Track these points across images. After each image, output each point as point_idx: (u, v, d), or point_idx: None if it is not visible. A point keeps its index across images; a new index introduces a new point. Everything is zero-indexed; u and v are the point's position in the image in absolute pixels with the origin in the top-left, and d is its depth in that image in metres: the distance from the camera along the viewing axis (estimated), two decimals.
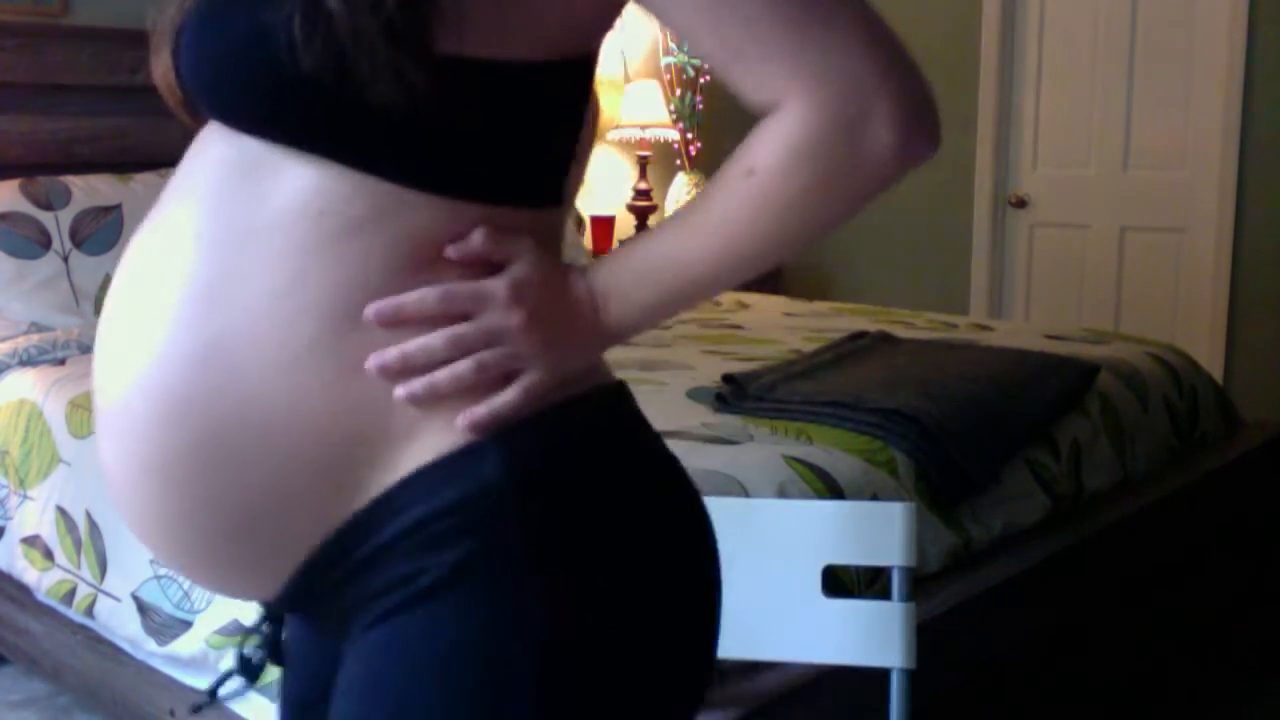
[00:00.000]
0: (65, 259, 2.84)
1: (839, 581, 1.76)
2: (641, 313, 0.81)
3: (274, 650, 0.93)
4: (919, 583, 1.68)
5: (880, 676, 1.46)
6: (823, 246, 4.89)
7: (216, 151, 0.79)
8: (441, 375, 0.76)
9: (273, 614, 0.93)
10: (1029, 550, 2.08)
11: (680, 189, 4.54)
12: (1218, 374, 3.87)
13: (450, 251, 0.76)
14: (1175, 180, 4.08)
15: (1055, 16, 4.29)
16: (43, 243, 2.82)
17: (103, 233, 2.91)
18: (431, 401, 0.76)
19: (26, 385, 2.50)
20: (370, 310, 0.75)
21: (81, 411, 2.34)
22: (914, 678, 1.44)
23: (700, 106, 4.59)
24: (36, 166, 2.96)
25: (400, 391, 0.75)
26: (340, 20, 0.69)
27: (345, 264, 0.75)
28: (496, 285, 0.77)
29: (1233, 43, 3.88)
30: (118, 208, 2.95)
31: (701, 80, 4.56)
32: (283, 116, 0.74)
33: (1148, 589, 2.36)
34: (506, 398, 0.76)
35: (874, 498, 1.89)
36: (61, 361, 2.59)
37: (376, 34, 0.69)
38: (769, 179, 0.75)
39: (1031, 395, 2.28)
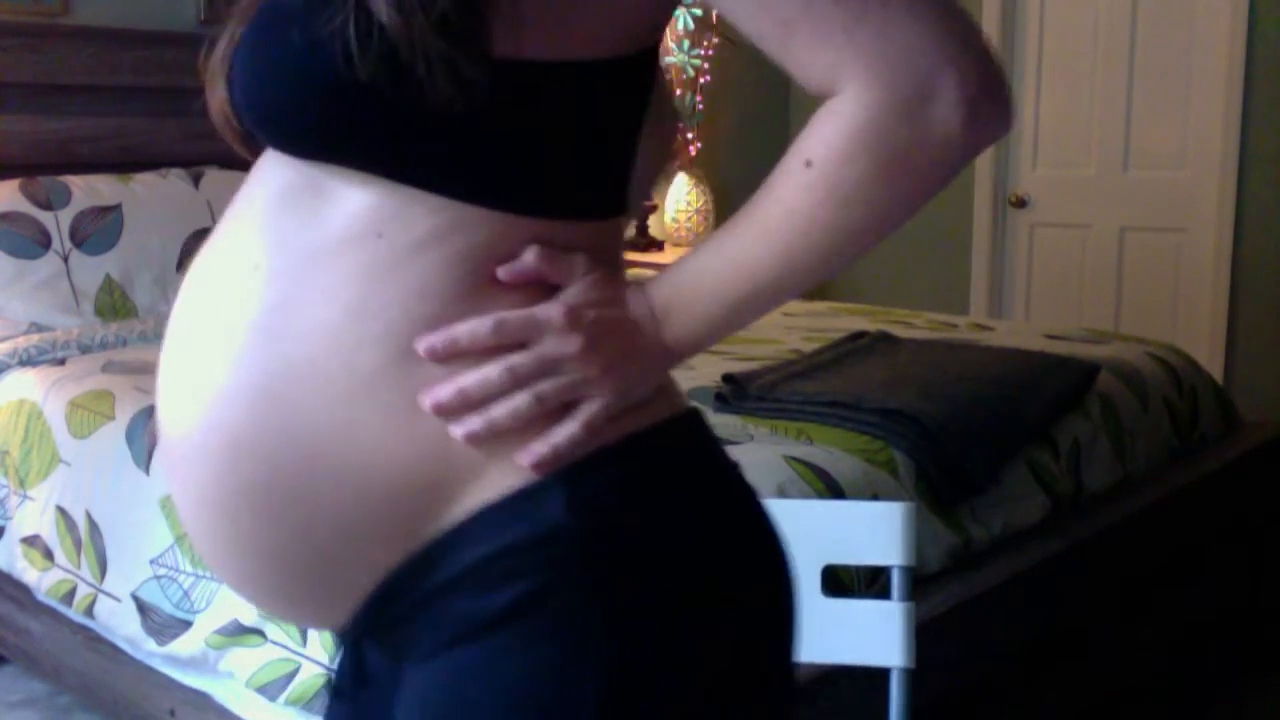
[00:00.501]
0: (65, 259, 2.84)
1: (838, 581, 1.76)
2: (706, 326, 0.76)
3: (357, 672, 0.90)
4: (918, 583, 1.68)
5: (880, 676, 1.46)
6: None
7: (271, 179, 0.77)
8: (499, 411, 0.72)
9: (346, 639, 0.90)
10: (1029, 550, 2.08)
11: (680, 189, 4.54)
12: (1218, 374, 3.87)
13: (501, 273, 0.73)
14: (1175, 180, 4.08)
15: (1055, 16, 4.29)
16: (43, 243, 2.82)
17: (103, 233, 2.91)
18: (491, 439, 0.73)
19: (26, 385, 2.50)
20: (422, 345, 0.72)
21: (81, 411, 2.34)
22: (914, 677, 1.44)
23: (700, 106, 4.59)
24: (36, 166, 2.96)
25: (458, 431, 0.73)
26: (393, 21, 0.67)
27: (405, 289, 0.72)
28: (551, 310, 0.74)
29: (1233, 43, 3.88)
30: (118, 208, 2.95)
31: (701, 80, 4.56)
32: (338, 131, 0.72)
33: (1148, 589, 2.36)
34: (568, 431, 0.73)
35: (874, 498, 1.88)
36: (61, 361, 2.59)
37: (430, 31, 0.67)
38: (828, 168, 0.70)
39: (1031, 395, 2.28)
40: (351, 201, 0.73)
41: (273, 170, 0.77)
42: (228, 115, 0.82)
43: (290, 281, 0.74)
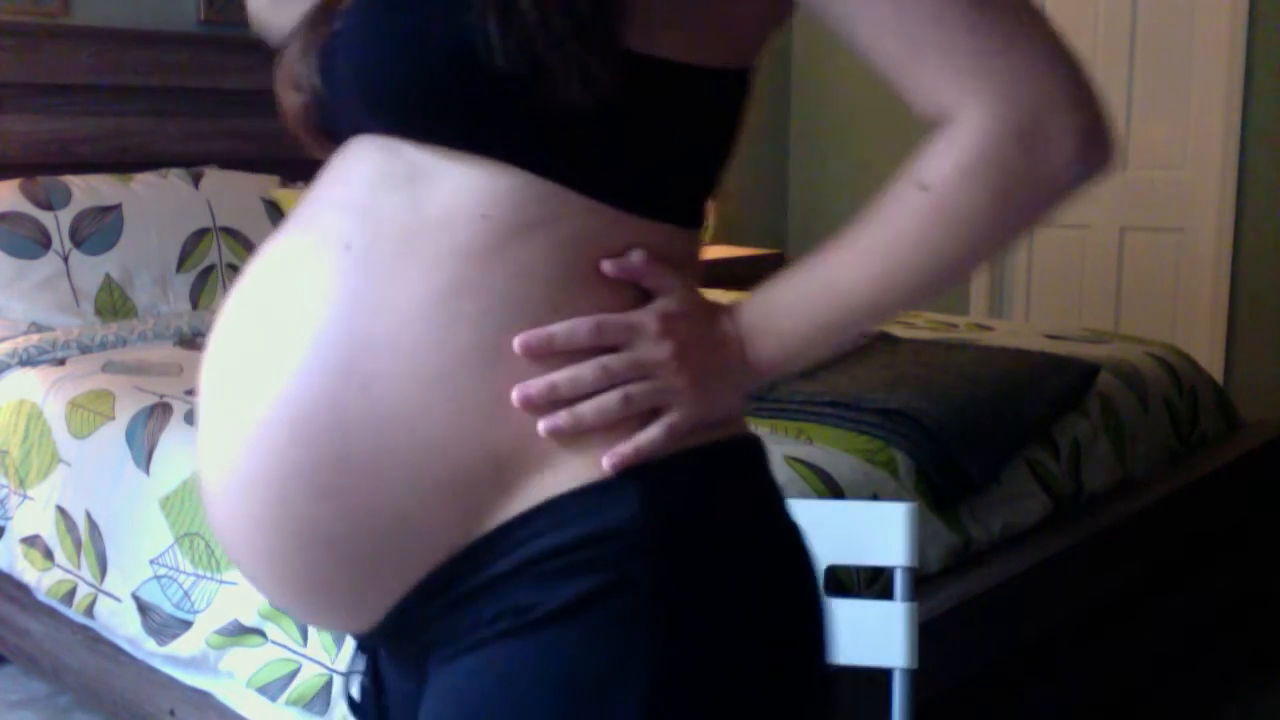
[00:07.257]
0: (65, 259, 2.84)
1: (838, 581, 1.76)
2: (792, 348, 0.78)
3: (376, 686, 0.88)
4: (918, 582, 1.68)
5: (879, 676, 1.46)
6: None
7: (367, 164, 0.76)
8: (587, 409, 0.72)
9: (366, 647, 0.89)
10: (1029, 550, 2.08)
11: None
12: (1218, 374, 3.87)
13: (607, 266, 0.74)
14: (1175, 180, 4.08)
15: (1055, 17, 4.28)
16: (43, 243, 2.82)
17: (103, 233, 2.90)
18: (574, 434, 0.72)
19: (26, 385, 2.50)
20: (518, 342, 0.72)
21: (81, 411, 2.34)
22: (913, 677, 1.44)
23: None
24: (36, 166, 2.96)
25: (543, 426, 0.72)
26: (534, 19, 0.68)
27: (508, 270, 0.72)
28: (647, 317, 0.75)
29: (1233, 43, 3.88)
30: (118, 208, 2.95)
31: None
32: (468, 114, 0.71)
33: (1148, 589, 2.36)
34: (652, 435, 0.73)
35: (874, 498, 1.88)
36: (61, 361, 2.59)
37: (569, 33, 0.68)
38: (942, 192, 0.71)
39: (1031, 395, 2.28)
40: (456, 182, 0.73)
41: (366, 157, 0.76)
42: (308, 118, 0.81)
43: (385, 259, 0.73)
